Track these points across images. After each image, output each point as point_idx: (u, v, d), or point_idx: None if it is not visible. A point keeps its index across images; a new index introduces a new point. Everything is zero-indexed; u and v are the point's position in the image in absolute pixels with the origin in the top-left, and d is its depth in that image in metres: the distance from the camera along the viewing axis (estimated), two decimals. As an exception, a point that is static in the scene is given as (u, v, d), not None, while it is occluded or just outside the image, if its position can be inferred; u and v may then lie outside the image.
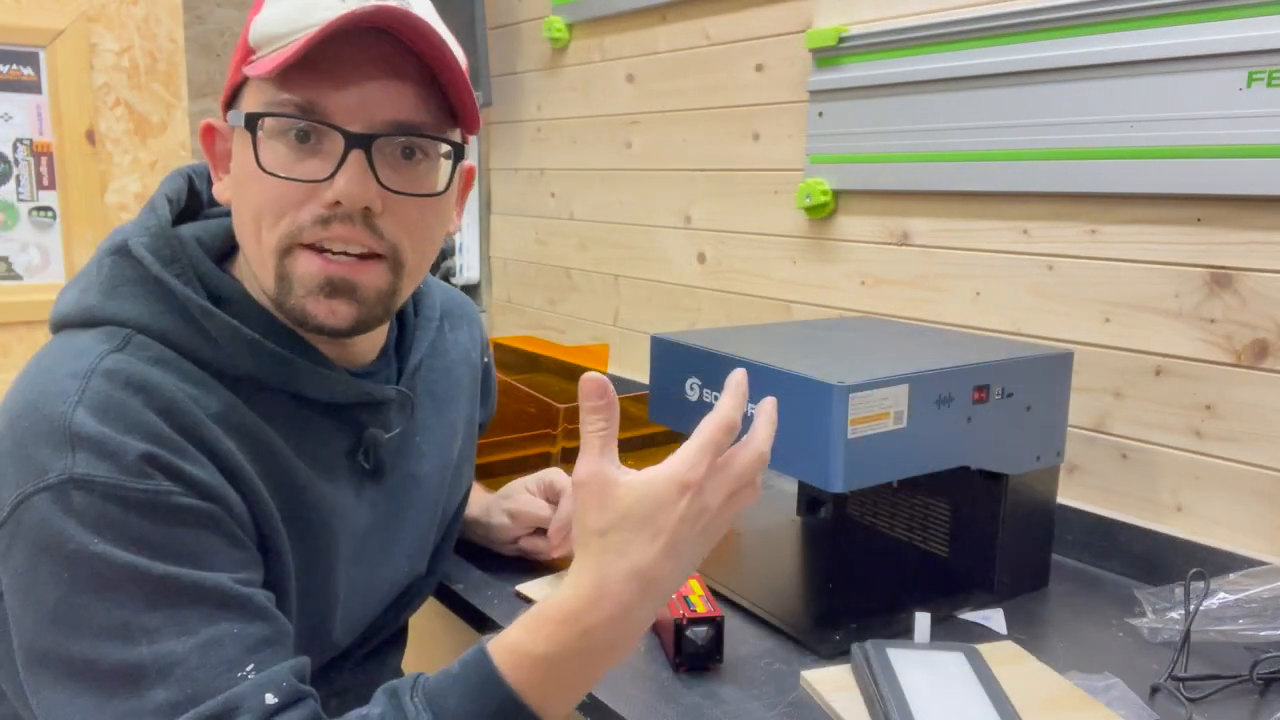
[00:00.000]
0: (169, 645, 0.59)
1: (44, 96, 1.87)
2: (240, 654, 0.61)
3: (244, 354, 0.69)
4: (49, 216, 1.91)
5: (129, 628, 0.59)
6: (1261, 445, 1.00)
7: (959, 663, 0.80)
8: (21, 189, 1.88)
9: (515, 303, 2.15)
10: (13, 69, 1.82)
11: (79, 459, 0.60)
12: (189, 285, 0.69)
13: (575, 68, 1.89)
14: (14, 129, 1.85)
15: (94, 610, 0.59)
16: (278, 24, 0.67)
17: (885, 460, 0.85)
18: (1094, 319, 1.12)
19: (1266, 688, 0.83)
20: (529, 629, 0.59)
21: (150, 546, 0.60)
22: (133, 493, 0.60)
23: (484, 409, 1.06)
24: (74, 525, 0.59)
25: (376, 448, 0.79)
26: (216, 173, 0.75)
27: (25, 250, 1.91)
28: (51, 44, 1.84)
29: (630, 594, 0.57)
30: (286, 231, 0.67)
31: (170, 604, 0.60)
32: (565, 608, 0.58)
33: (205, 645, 0.60)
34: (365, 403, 0.77)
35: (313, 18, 0.65)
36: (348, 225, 0.67)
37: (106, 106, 1.94)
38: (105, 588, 0.59)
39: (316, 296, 0.68)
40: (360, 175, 0.66)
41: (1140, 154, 1.05)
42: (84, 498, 0.60)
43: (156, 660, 0.59)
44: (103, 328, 0.68)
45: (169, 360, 0.67)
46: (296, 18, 0.66)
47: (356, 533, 0.79)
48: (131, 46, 1.95)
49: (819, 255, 1.44)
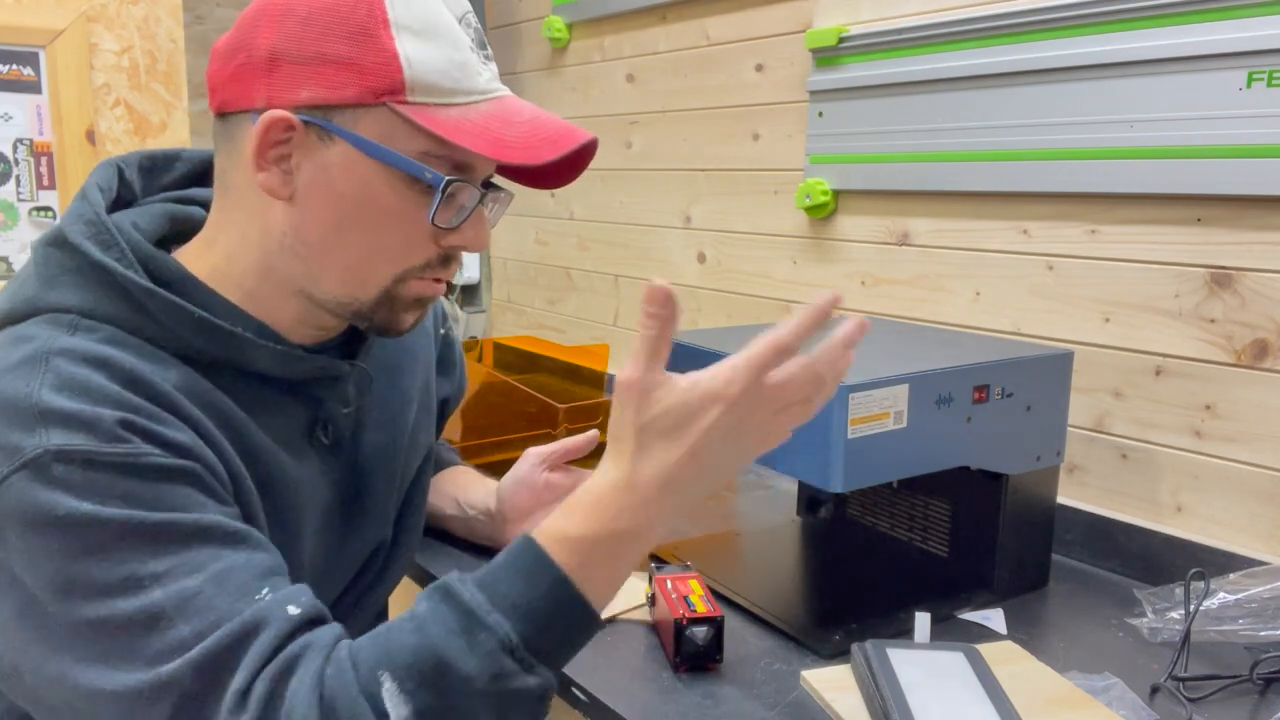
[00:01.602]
0: (181, 583, 0.59)
1: (44, 96, 1.87)
2: (253, 579, 0.61)
3: (193, 333, 0.69)
4: (49, 216, 1.91)
5: (137, 577, 0.59)
6: (1261, 445, 1.00)
7: (959, 663, 0.80)
8: (21, 189, 1.88)
9: (515, 303, 2.15)
10: (13, 69, 1.82)
11: (53, 434, 0.60)
12: (130, 269, 0.68)
13: (575, 68, 1.89)
14: (14, 129, 1.85)
15: (96, 571, 0.59)
16: (440, 76, 0.69)
17: (885, 460, 0.85)
18: (1094, 319, 1.12)
19: (1266, 688, 0.83)
20: (564, 514, 0.63)
21: (139, 501, 0.60)
22: (113, 456, 0.60)
23: (448, 382, 1.05)
24: (59, 494, 0.59)
25: (335, 423, 0.80)
26: (261, 162, 0.69)
27: (25, 250, 1.91)
28: (51, 44, 1.84)
29: (653, 490, 0.61)
30: (411, 266, 0.73)
31: (172, 547, 0.60)
32: (594, 493, 0.62)
33: (217, 576, 0.60)
34: (321, 378, 0.77)
35: (475, 82, 0.70)
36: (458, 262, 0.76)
37: (106, 106, 1.94)
38: (103, 547, 0.59)
39: (414, 312, 0.76)
40: (487, 227, 0.76)
41: (1140, 154, 1.05)
42: (64, 467, 0.59)
43: (171, 599, 0.59)
44: (46, 316, 0.67)
45: (120, 340, 0.67)
46: (459, 77, 0.69)
47: (320, 507, 0.79)
48: (131, 46, 1.95)
49: (819, 255, 1.44)
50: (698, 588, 0.89)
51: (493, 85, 0.72)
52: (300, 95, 0.68)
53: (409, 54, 0.67)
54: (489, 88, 0.71)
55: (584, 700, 0.82)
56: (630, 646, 0.90)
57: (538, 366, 1.67)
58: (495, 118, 0.70)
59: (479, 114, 0.70)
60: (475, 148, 0.68)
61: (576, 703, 0.83)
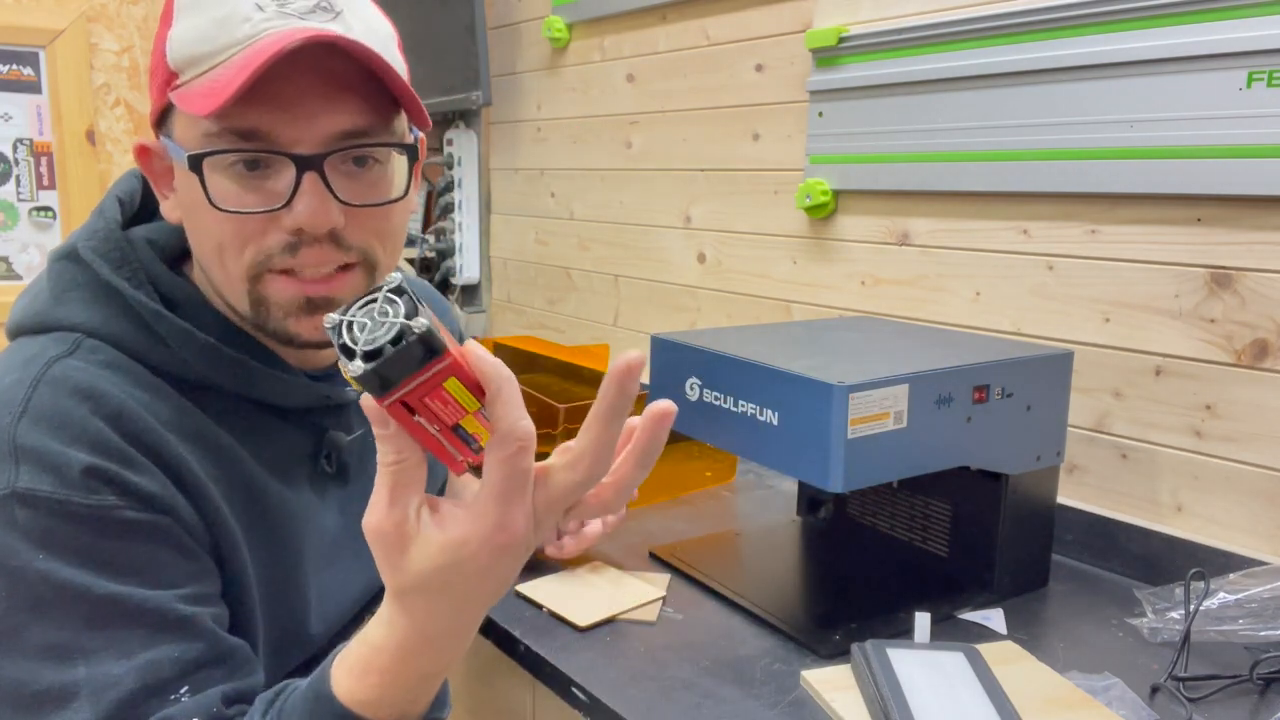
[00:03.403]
0: (107, 667, 0.58)
1: (44, 96, 1.87)
2: (175, 676, 0.60)
3: (198, 358, 0.68)
4: (49, 216, 1.91)
5: (67, 648, 0.58)
6: (1261, 445, 1.00)
7: (959, 663, 0.80)
8: (21, 189, 1.88)
9: (515, 303, 2.15)
10: (13, 69, 1.82)
11: (22, 472, 0.59)
12: (140, 289, 0.68)
13: (575, 68, 1.89)
14: (14, 129, 1.85)
15: (32, 630, 0.58)
16: (197, 43, 0.63)
17: (885, 460, 0.85)
18: (1094, 319, 1.12)
19: (1266, 688, 0.83)
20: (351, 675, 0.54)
21: (95, 562, 0.59)
22: (78, 508, 0.59)
23: None
24: (18, 540, 0.58)
25: (338, 451, 0.79)
26: (160, 190, 0.71)
27: (25, 250, 1.91)
28: (51, 44, 1.84)
29: (422, 642, 0.52)
30: (253, 260, 0.66)
31: (111, 625, 0.59)
32: (366, 658, 0.54)
33: (143, 668, 0.59)
34: (324, 406, 0.76)
35: (234, 34, 0.62)
36: (315, 248, 0.66)
37: (106, 106, 1.93)
38: (46, 606, 0.58)
39: (298, 316, 0.68)
40: (319, 198, 0.64)
41: (1140, 154, 1.05)
42: (28, 514, 0.58)
43: (91, 681, 0.58)
44: (53, 333, 0.67)
45: (120, 364, 0.66)
46: (215, 35, 0.63)
47: (325, 536, 0.78)
48: (131, 46, 1.95)
49: (819, 255, 1.44)
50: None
51: (262, 27, 0.62)
52: (152, 116, 0.69)
53: (173, 35, 0.64)
54: (256, 31, 0.62)
55: (584, 701, 0.82)
56: (630, 646, 0.90)
57: (538, 366, 1.68)
58: (240, 62, 0.61)
59: (232, 65, 0.61)
60: (193, 108, 0.61)
61: (576, 703, 0.83)
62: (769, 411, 0.87)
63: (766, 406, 0.88)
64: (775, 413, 0.87)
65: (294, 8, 0.63)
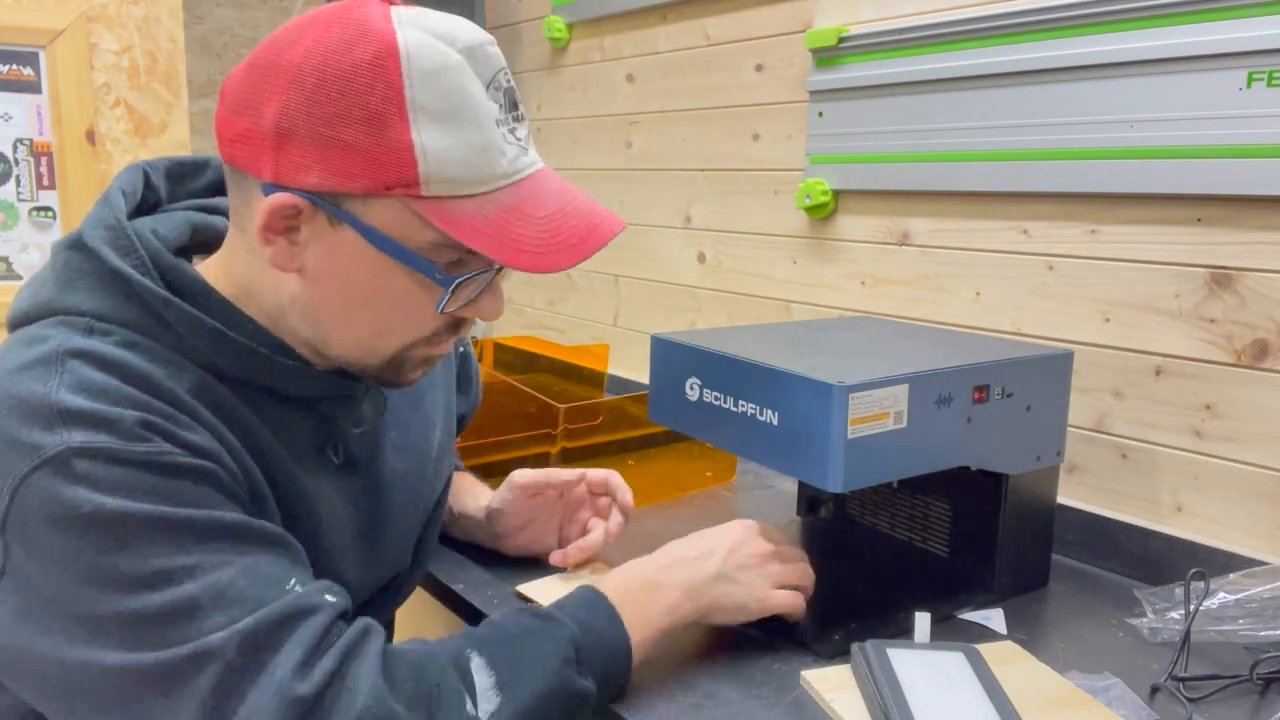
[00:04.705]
0: (213, 576, 0.60)
1: (44, 96, 1.86)
2: (281, 572, 0.63)
3: (206, 344, 0.68)
4: (49, 216, 1.91)
5: (167, 571, 0.59)
6: (1261, 445, 1.00)
7: (959, 663, 0.80)
8: (21, 189, 1.88)
9: (515, 303, 2.15)
10: (13, 69, 1.82)
11: (75, 433, 0.60)
12: (146, 275, 0.68)
13: (575, 68, 1.89)
14: (14, 129, 1.85)
15: (126, 566, 0.59)
16: (458, 165, 0.65)
17: (885, 460, 0.85)
18: (1094, 319, 1.12)
19: (1266, 688, 0.83)
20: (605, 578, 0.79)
21: (163, 496, 0.61)
22: (136, 454, 0.60)
23: (465, 399, 1.05)
24: (84, 490, 0.59)
25: (346, 442, 0.79)
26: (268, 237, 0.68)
27: (25, 250, 1.91)
28: (51, 44, 1.84)
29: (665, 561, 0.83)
30: (417, 339, 0.72)
31: (199, 542, 0.61)
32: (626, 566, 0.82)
33: (247, 569, 0.61)
34: (333, 396, 0.77)
35: (494, 168, 0.67)
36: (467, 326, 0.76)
37: (106, 106, 1.93)
38: (131, 542, 0.59)
39: (421, 369, 0.76)
40: (500, 296, 0.76)
41: (1140, 154, 1.05)
42: (88, 463, 0.59)
43: (205, 591, 0.59)
44: (61, 318, 0.67)
45: (135, 343, 0.66)
46: (478, 165, 0.66)
47: (335, 524, 0.79)
48: (131, 46, 1.95)
49: (819, 255, 1.44)
50: None
51: (516, 166, 0.68)
52: (308, 178, 0.65)
53: (425, 144, 0.63)
54: (512, 170, 0.68)
55: (584, 700, 0.82)
56: (630, 646, 0.89)
57: (538, 366, 1.67)
58: (514, 212, 0.67)
59: (496, 206, 0.66)
60: (488, 251, 0.66)
61: (576, 703, 0.83)
62: (769, 411, 0.87)
63: (766, 406, 0.88)
64: (775, 413, 0.87)
65: (520, 135, 0.70)
